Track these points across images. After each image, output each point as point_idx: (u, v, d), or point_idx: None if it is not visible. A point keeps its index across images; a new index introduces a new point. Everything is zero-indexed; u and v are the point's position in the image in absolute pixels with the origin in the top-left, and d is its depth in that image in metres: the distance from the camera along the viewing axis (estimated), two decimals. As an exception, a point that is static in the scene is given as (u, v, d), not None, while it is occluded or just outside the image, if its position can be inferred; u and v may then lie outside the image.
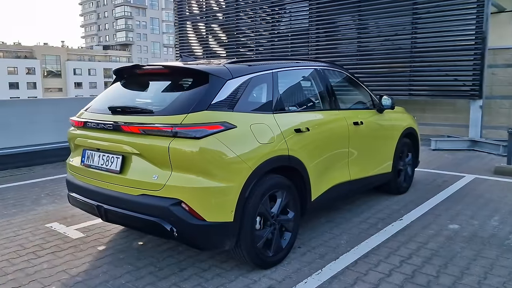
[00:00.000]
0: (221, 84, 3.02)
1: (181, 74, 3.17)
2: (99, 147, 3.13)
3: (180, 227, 2.74)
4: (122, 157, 2.98)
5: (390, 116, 4.87)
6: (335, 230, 4.05)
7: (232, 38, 12.73)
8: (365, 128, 4.32)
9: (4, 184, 6.03)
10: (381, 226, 4.13)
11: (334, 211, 4.60)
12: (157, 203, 2.76)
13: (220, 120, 2.87)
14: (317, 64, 4.08)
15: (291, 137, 3.31)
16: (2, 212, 4.72)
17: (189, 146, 2.72)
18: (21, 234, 4.04)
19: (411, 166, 5.42)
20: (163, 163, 2.78)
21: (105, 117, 3.11)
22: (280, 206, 3.26)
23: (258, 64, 3.45)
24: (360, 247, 3.63)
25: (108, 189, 3.04)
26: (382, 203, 4.89)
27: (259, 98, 3.33)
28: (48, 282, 3.05)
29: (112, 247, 3.68)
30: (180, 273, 3.17)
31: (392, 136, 4.86)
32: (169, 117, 2.80)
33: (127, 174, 2.95)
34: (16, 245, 3.75)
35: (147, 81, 3.35)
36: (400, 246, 3.63)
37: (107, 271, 3.22)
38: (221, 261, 3.36)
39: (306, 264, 3.32)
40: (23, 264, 3.36)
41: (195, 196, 2.73)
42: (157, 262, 3.37)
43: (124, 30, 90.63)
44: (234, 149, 2.85)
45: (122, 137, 2.96)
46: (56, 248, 3.68)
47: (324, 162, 3.72)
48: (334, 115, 3.96)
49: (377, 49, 9.93)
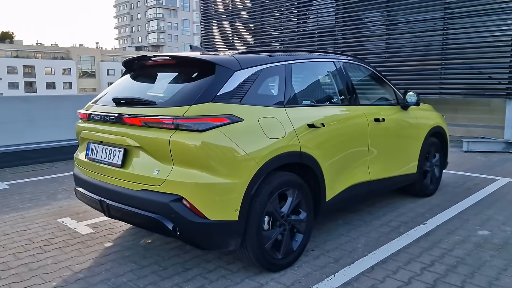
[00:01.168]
0: (229, 75, 2.85)
1: (187, 64, 3.03)
2: (102, 140, 3.03)
3: (181, 225, 2.59)
4: (124, 151, 2.86)
5: (416, 113, 4.58)
6: (352, 233, 3.81)
7: (257, 37, 12.58)
8: (387, 125, 4.06)
9: (25, 179, 6.08)
10: (403, 230, 3.86)
11: (352, 212, 4.35)
12: (157, 199, 2.62)
13: (226, 112, 2.70)
14: (336, 57, 3.86)
15: (303, 132, 3.11)
16: (17, 206, 4.73)
17: (191, 139, 2.57)
18: (32, 228, 4.00)
19: (438, 167, 5.09)
20: (164, 157, 2.64)
21: (109, 109, 3.01)
22: (290, 206, 3.06)
23: (271, 55, 3.26)
24: (378, 252, 3.39)
25: (110, 184, 2.93)
26: (406, 205, 4.60)
27: (270, 90, 3.15)
28: (50, 278, 2.97)
29: (119, 244, 3.58)
30: (184, 274, 3.03)
31: (418, 134, 4.56)
32: (172, 108, 2.66)
33: (128, 168, 2.83)
34: (25, 239, 3.71)
35: (154, 72, 3.23)
36: (422, 252, 3.36)
37: (110, 269, 3.12)
38: (228, 262, 3.19)
39: (318, 268, 3.10)
40: (28, 258, 3.30)
41: (197, 193, 2.57)
42: (162, 261, 3.24)
43: (156, 31, 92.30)
44: (240, 144, 2.68)
45: (124, 130, 2.84)
46: (63, 243, 3.62)
47: (341, 160, 3.49)
48: (353, 110, 3.72)
49: (406, 46, 9.54)
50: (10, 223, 4.15)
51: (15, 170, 6.68)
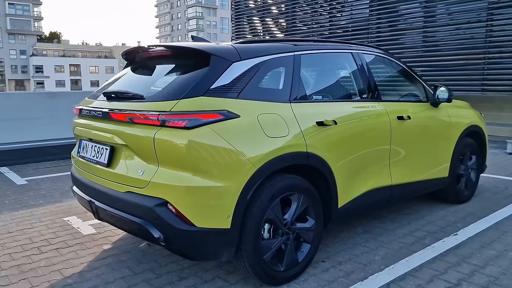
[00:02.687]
0: (225, 67, 2.57)
1: (182, 55, 2.77)
2: (91, 137, 2.84)
3: (166, 232, 2.34)
4: (111, 148, 2.65)
5: (449, 111, 4.11)
6: (371, 243, 3.43)
7: (287, 33, 12.21)
8: (413, 124, 3.64)
9: (44, 175, 6.07)
10: (428, 242, 3.44)
11: (374, 219, 3.97)
12: (141, 202, 2.38)
13: (219, 108, 2.42)
14: (355, 48, 3.48)
15: (311, 131, 2.78)
16: (29, 202, 4.67)
17: (177, 137, 2.31)
18: (37, 226, 3.90)
19: (475, 171, 4.58)
20: (149, 156, 2.40)
21: (99, 104, 2.81)
22: (295, 212, 2.75)
23: (278, 45, 2.95)
24: (398, 266, 3.00)
25: (98, 184, 2.73)
26: (436, 213, 4.16)
27: (273, 84, 2.84)
28: (37, 283, 2.81)
29: (118, 247, 3.39)
30: (177, 283, 2.78)
31: (450, 134, 4.10)
32: (159, 103, 2.41)
33: (114, 168, 2.61)
34: (25, 238, 3.60)
35: (151, 64, 3.00)
36: (448, 269, 2.95)
37: (101, 274, 2.92)
38: (228, 272, 2.92)
39: (326, 283, 2.77)
40: (23, 259, 3.17)
41: (183, 197, 2.31)
42: (158, 267, 3.01)
43: (195, 30, 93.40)
44: (234, 143, 2.39)
45: (110, 126, 2.63)
46: (62, 244, 3.48)
47: (356, 162, 3.13)
48: (372, 107, 3.34)
49: (446, 39, 8.89)
50: (17, 220, 4.08)
51: (37, 166, 6.72)
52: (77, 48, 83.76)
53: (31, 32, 76.51)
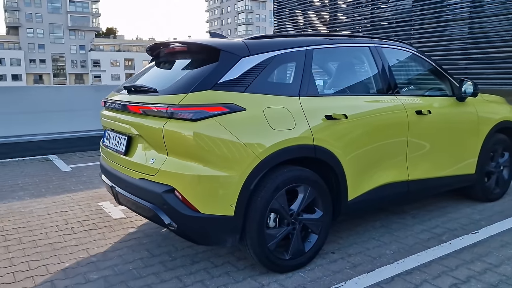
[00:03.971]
0: (234, 62, 2.68)
1: (195, 51, 2.91)
2: (113, 128, 3.06)
3: (173, 217, 2.51)
4: (128, 138, 2.86)
5: (477, 106, 3.98)
6: (386, 237, 3.43)
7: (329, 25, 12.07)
8: (434, 119, 3.57)
9: (88, 163, 6.51)
10: (446, 238, 3.39)
11: (394, 215, 3.94)
12: (152, 188, 2.56)
13: (226, 101, 2.55)
14: (373, 42, 3.46)
15: (319, 124, 2.84)
16: (70, 188, 5.06)
17: (183, 128, 2.46)
18: (73, 209, 4.24)
19: (508, 168, 4.40)
20: (160, 146, 2.57)
21: (120, 97, 3.02)
22: (302, 203, 2.82)
23: (289, 40, 3.02)
24: (407, 261, 3.00)
25: (118, 171, 2.95)
26: (461, 210, 4.06)
27: (283, 78, 2.92)
28: (66, 259, 3.09)
29: (142, 231, 3.63)
30: (189, 266, 2.96)
31: (478, 130, 3.96)
32: (168, 96, 2.58)
33: (130, 156, 2.82)
34: (62, 220, 3.93)
35: (168, 59, 3.17)
36: (459, 266, 2.91)
37: (122, 255, 3.16)
38: (238, 258, 3.06)
39: (331, 273, 2.83)
40: (56, 238, 3.49)
41: (188, 184, 2.46)
42: (175, 251, 3.21)
43: (244, 23, 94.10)
44: (238, 135, 2.51)
45: (127, 117, 2.83)
46: (93, 226, 3.77)
47: (369, 156, 3.15)
48: (387, 101, 3.32)
49: (494, 30, 8.43)
50: (57, 203, 4.44)
51: (83, 154, 7.20)
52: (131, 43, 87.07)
53: (90, 28, 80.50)
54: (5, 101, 7.44)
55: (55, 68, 78.79)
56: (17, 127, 7.31)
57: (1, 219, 3.94)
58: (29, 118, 7.44)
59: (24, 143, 7.17)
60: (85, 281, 2.76)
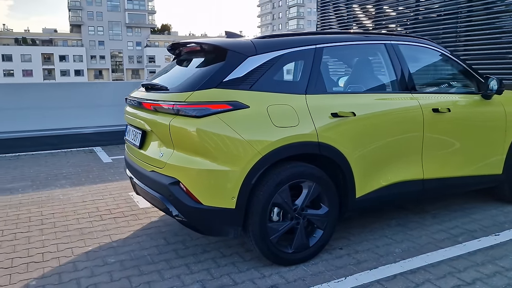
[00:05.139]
0: (240, 61, 2.79)
1: (206, 50, 3.04)
2: (131, 123, 3.28)
3: (178, 208, 2.67)
4: (142, 133, 3.06)
5: (505, 104, 3.81)
6: (399, 236, 3.41)
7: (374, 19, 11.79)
8: (454, 116, 3.47)
9: (128, 155, 6.88)
10: (462, 240, 3.31)
11: (414, 214, 3.89)
12: (160, 180, 2.75)
13: (230, 99, 2.66)
14: (390, 39, 3.42)
15: (325, 121, 2.88)
16: (107, 178, 5.42)
17: (187, 125, 2.61)
18: (106, 198, 4.56)
19: (542, 169, 4.17)
20: (167, 141, 2.74)
21: (138, 94, 3.23)
22: (306, 199, 2.89)
23: (298, 39, 3.07)
24: (415, 260, 2.98)
25: (135, 163, 3.17)
26: (486, 211, 3.92)
27: (290, 76, 2.99)
28: (90, 243, 3.37)
29: (163, 220, 3.85)
30: (199, 255, 3.12)
31: (505, 128, 3.79)
32: (176, 94, 2.73)
33: (144, 150, 3.01)
34: (93, 207, 4.25)
35: (184, 58, 3.33)
36: (468, 267, 2.85)
37: (141, 241, 3.39)
38: (246, 250, 3.18)
39: (334, 268, 2.88)
40: (86, 224, 3.79)
41: (191, 177, 2.61)
42: (189, 240, 3.39)
43: (295, 18, 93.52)
44: (240, 131, 2.62)
45: (142, 114, 3.03)
46: (120, 214, 4.04)
47: (379, 154, 3.14)
48: (401, 99, 3.28)
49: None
50: (93, 192, 4.79)
51: (125, 147, 7.61)
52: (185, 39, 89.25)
53: (146, 25, 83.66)
54: (58, 96, 8.01)
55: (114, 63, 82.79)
56: (68, 120, 7.86)
57: (41, 205, 4.33)
58: (79, 112, 7.96)
59: (73, 135, 7.70)
60: (103, 263, 3.01)
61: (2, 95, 7.74)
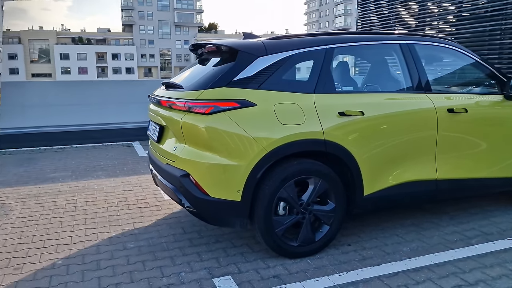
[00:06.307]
0: (250, 61, 2.93)
1: (219, 51, 3.19)
2: (152, 119, 3.51)
3: (188, 198, 2.86)
4: (160, 128, 3.27)
5: (532, 104, 3.70)
6: (410, 235, 3.42)
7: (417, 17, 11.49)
8: (470, 117, 3.43)
9: (162, 150, 7.21)
10: (475, 242, 3.28)
11: (431, 214, 3.87)
12: (173, 172, 2.94)
13: (238, 97, 2.81)
14: (406, 38, 3.42)
15: (331, 120, 2.96)
16: (140, 171, 5.74)
17: (197, 121, 2.78)
18: (135, 189, 4.85)
19: None
20: (179, 136, 2.93)
21: (159, 92, 3.45)
22: (311, 195, 2.98)
23: (308, 39, 3.16)
24: (421, 259, 3.00)
25: (154, 156, 3.40)
26: (508, 215, 3.82)
27: (299, 76, 3.08)
28: (114, 230, 3.64)
29: (184, 211, 4.06)
30: (212, 244, 3.30)
31: (530, 130, 3.68)
32: (189, 92, 2.92)
33: (161, 144, 3.23)
34: (123, 197, 4.55)
35: (202, 58, 3.51)
36: (473, 269, 2.84)
37: (160, 230, 3.62)
38: (256, 242, 3.32)
39: (337, 263, 2.96)
40: (113, 212, 4.08)
41: (199, 170, 2.79)
42: (204, 231, 3.58)
43: (343, 15, 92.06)
44: (246, 128, 2.76)
45: (160, 110, 3.24)
46: (146, 204, 4.31)
47: (389, 153, 3.17)
48: (413, 99, 3.28)
49: None
50: (125, 183, 5.11)
51: (161, 142, 7.97)
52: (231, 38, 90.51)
53: (194, 24, 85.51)
54: (100, 94, 8.52)
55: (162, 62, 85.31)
56: (110, 116, 8.34)
57: (77, 193, 4.69)
58: (119, 108, 8.42)
59: (114, 130, 8.17)
60: (123, 248, 3.26)
61: (53, 93, 8.36)
